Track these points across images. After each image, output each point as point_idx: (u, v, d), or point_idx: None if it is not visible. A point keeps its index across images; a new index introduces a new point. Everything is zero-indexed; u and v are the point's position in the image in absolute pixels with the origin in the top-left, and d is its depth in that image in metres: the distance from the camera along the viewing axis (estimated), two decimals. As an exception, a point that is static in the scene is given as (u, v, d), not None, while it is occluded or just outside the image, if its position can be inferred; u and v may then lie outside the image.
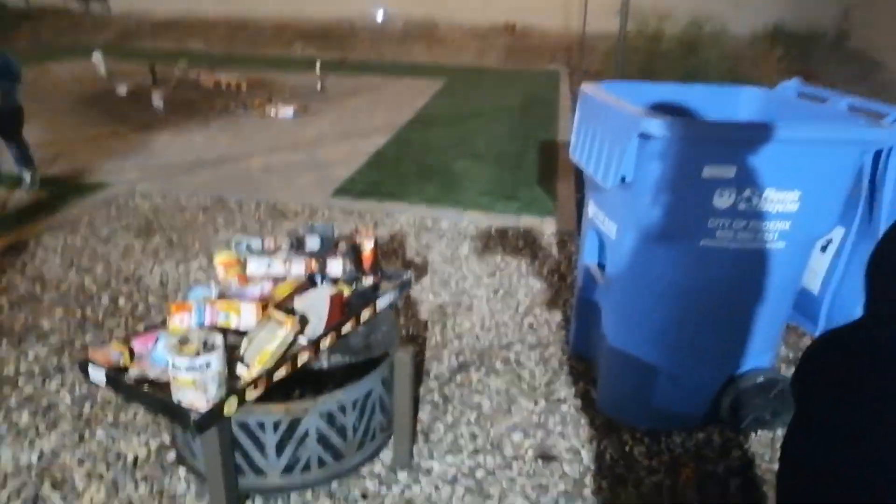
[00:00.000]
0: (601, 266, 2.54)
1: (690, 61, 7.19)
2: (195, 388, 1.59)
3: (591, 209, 2.52)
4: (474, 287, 3.47)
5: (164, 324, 1.88)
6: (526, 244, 4.04)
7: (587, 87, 2.51)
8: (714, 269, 2.08)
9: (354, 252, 2.25)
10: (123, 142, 6.30)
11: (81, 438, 2.25)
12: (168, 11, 15.22)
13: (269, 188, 5.01)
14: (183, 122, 7.20)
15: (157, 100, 7.90)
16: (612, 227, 2.30)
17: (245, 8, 15.12)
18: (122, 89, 8.63)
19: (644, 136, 1.99)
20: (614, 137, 2.12)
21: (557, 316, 3.17)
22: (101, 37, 13.94)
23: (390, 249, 3.92)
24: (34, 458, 2.16)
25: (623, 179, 2.11)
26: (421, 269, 3.66)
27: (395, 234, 4.17)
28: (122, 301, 3.23)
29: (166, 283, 3.45)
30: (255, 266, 2.08)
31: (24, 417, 2.35)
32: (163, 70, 9.74)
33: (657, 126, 1.94)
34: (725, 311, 2.17)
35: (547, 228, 4.30)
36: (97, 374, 1.74)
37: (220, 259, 2.13)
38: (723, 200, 2.01)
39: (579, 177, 5.27)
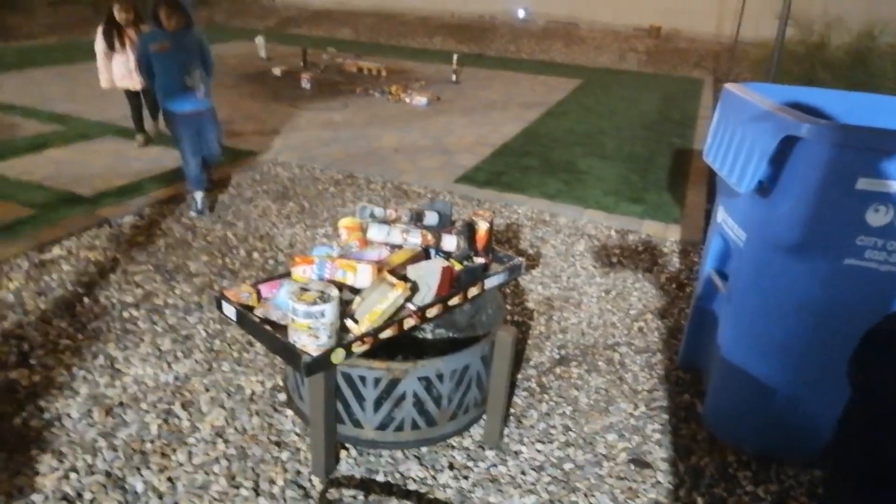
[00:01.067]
0: (723, 275, 2.39)
1: (859, 73, 6.46)
2: (308, 334, 1.72)
3: (720, 214, 2.38)
4: (585, 284, 3.40)
5: (289, 274, 2.05)
6: (646, 249, 3.89)
7: (731, 86, 2.37)
8: (857, 291, 1.89)
9: (469, 231, 2.30)
10: (273, 115, 6.86)
11: (210, 369, 2.52)
12: (323, 2, 16.27)
13: (396, 169, 5.22)
14: (326, 101, 7.68)
15: (306, 81, 8.49)
16: (741, 235, 2.15)
17: (392, 0, 15.79)
18: (277, 70, 9.36)
19: (790, 139, 1.85)
20: (756, 138, 1.99)
21: (670, 324, 3.03)
22: (265, 23, 15.20)
23: (505, 238, 3.95)
24: (171, 379, 2.44)
25: (761, 184, 1.98)
26: (533, 261, 3.65)
27: (512, 224, 4.18)
28: (255, 255, 3.54)
29: (294, 244, 3.72)
30: (375, 232, 2.20)
31: (167, 343, 2.67)
32: (313, 54, 10.45)
33: (807, 128, 1.79)
34: (865, 339, 1.96)
35: (671, 235, 4.10)
36: (229, 309, 1.94)
37: (345, 223, 2.27)
38: (878, 217, 1.81)
39: (711, 186, 4.96)
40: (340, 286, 1.92)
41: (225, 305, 1.95)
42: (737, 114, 2.19)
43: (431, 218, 2.35)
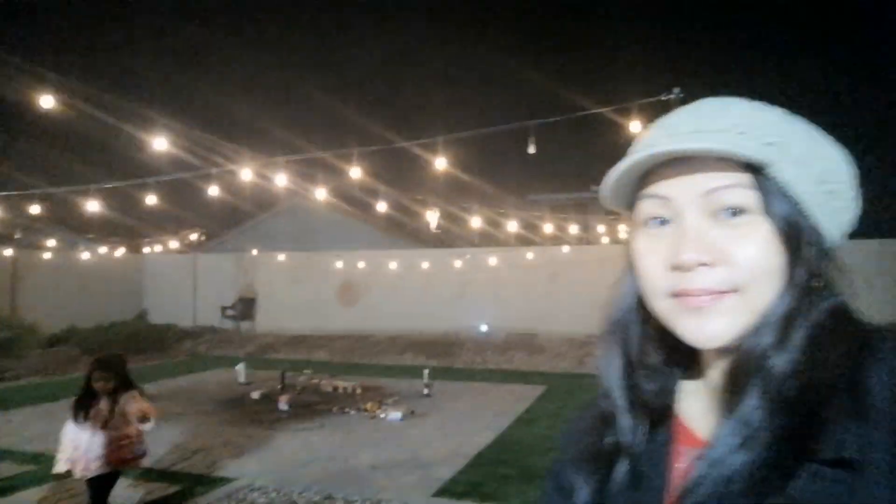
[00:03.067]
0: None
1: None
2: None
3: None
4: None
5: None
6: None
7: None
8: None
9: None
10: (250, 440, 6.96)
11: None
12: (301, 328, 17.71)
13: (374, 486, 5.21)
14: (303, 422, 7.89)
15: (283, 403, 8.81)
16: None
17: (364, 323, 17.32)
18: (255, 394, 9.75)
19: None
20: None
21: None
22: (245, 349, 16.19)
23: (490, 554, 3.84)
24: None
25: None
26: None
27: (495, 537, 4.11)
28: None
29: (272, 578, 3.55)
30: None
31: None
32: (291, 377, 11.02)
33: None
34: None
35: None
36: None
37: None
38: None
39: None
40: None
41: None
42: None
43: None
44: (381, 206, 8.99)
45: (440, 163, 5.77)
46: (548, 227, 11.44)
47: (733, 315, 0.66)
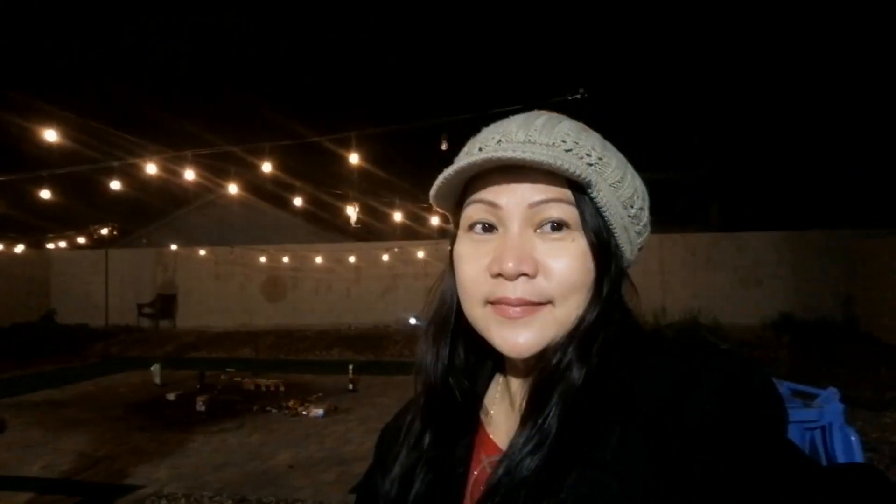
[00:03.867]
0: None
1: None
2: None
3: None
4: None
5: None
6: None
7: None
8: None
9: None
10: (162, 444, 6.68)
11: None
12: (225, 325, 17.15)
13: (291, 487, 5.13)
14: (220, 423, 7.65)
15: (201, 404, 8.51)
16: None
17: (291, 319, 16.98)
18: (171, 395, 9.35)
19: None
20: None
21: None
22: (164, 349, 15.48)
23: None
24: None
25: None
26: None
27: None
28: None
29: (174, 588, 3.43)
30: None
31: None
32: (211, 376, 10.65)
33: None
34: None
35: None
36: None
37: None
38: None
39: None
40: None
41: None
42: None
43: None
44: (302, 201, 8.81)
45: (354, 158, 5.72)
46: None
47: (544, 327, 0.67)
